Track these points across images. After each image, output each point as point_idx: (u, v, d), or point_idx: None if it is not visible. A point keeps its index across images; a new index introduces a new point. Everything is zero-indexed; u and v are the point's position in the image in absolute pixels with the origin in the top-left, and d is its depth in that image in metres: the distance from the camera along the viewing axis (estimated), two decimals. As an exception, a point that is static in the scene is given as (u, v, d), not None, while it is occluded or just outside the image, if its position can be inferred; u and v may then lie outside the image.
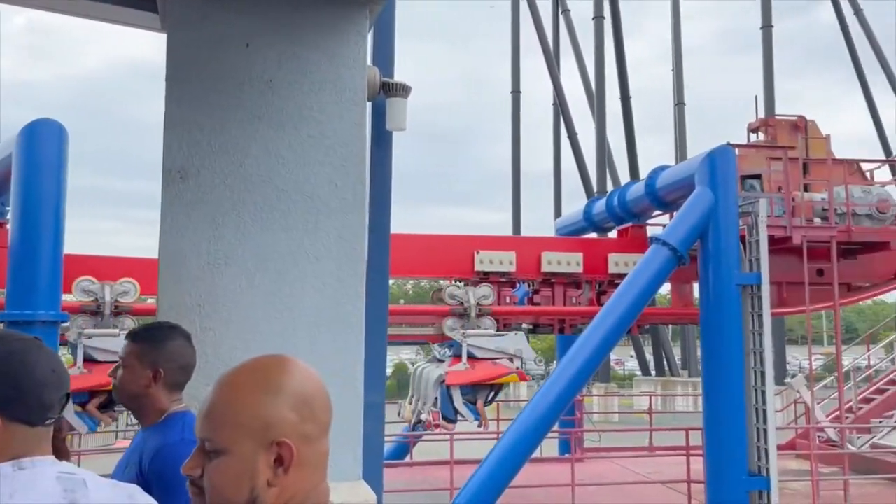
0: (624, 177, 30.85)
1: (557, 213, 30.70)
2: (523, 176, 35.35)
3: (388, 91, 3.82)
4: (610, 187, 26.80)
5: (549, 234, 13.33)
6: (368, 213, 3.93)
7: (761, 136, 11.38)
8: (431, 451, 11.31)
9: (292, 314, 2.90)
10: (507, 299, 10.23)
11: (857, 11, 42.06)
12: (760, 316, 8.34)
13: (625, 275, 8.90)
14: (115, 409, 8.16)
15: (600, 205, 11.55)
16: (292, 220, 2.94)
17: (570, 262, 10.07)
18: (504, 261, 9.93)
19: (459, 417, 8.67)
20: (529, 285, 10.43)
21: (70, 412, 7.56)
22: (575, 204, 12.53)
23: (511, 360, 8.78)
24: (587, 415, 12.54)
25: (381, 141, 3.95)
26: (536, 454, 8.98)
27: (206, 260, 2.84)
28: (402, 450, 11.98)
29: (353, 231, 2.99)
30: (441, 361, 9.22)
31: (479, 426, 8.94)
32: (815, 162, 10.47)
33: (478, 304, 9.05)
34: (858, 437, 11.21)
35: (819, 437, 10.94)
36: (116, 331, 8.13)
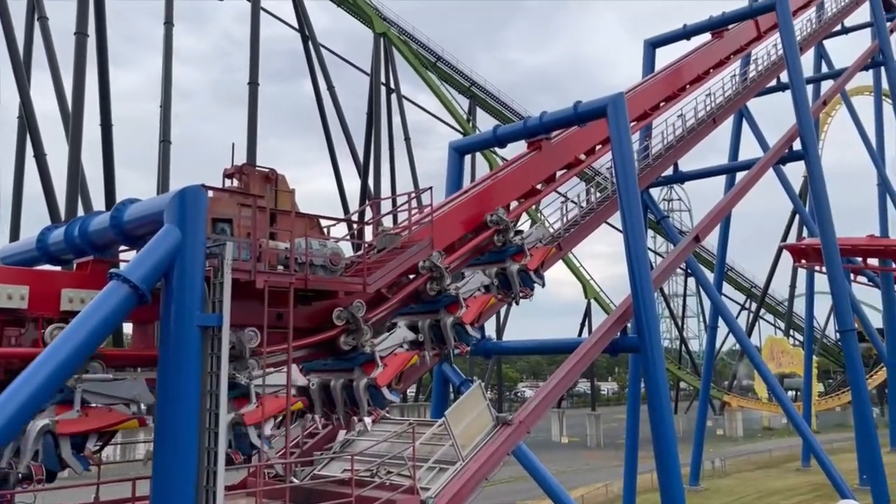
0: (100, 208, 28.70)
1: (16, 240, 26.79)
2: (-28, 194, 30.17)
3: None
4: (80, 218, 24.55)
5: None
6: None
7: (236, 182, 11.73)
8: None
9: None
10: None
11: (330, 87, 48.08)
12: (219, 357, 8.43)
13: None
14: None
15: (58, 234, 10.32)
16: None
17: (11, 295, 8.69)
18: (-82, 290, 8.05)
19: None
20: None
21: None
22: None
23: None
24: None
25: None
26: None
27: None
28: None
29: None
30: None
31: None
32: (281, 213, 11.22)
33: None
34: (302, 470, 12.17)
35: (269, 472, 11.50)
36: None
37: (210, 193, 9.43)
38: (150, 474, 8.35)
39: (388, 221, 17.40)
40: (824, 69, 42.24)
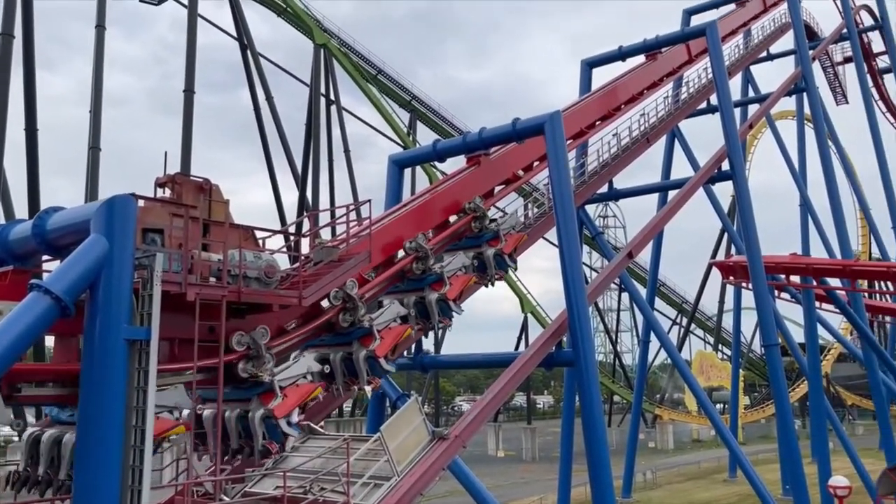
0: (23, 216, 27.49)
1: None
2: None
3: None
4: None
5: None
6: None
7: (168, 192, 11.41)
8: None
9: None
10: None
11: (269, 98, 47.47)
12: (147, 372, 8.17)
13: (-4, 325, 7.69)
14: None
15: (-24, 242, 9.86)
16: None
17: (-77, 306, 8.25)
18: None
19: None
20: None
21: None
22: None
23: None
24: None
25: None
26: None
27: None
28: None
29: None
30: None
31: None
32: (215, 224, 10.97)
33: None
34: (233, 488, 11.84)
35: (198, 490, 11.16)
36: None
37: (140, 203, 9.17)
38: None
39: (326, 234, 17.22)
40: (751, 93, 43.99)
